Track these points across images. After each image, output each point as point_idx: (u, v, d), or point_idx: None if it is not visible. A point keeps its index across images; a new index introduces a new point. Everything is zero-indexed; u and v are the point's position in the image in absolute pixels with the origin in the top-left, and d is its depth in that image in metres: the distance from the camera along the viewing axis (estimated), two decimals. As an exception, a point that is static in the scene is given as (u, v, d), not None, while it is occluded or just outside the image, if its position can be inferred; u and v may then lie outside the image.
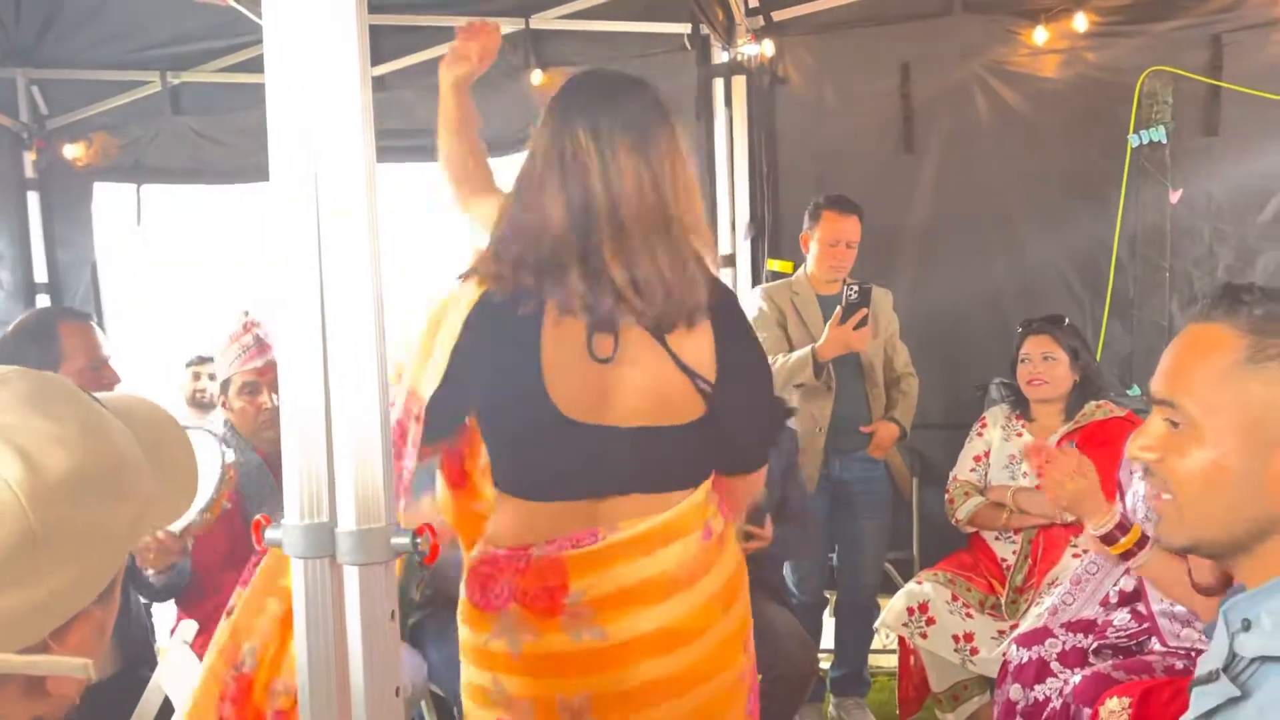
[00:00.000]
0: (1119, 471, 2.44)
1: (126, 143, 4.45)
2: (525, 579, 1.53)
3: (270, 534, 1.13)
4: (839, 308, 3.04)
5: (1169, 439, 1.06)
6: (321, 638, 1.08)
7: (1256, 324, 1.02)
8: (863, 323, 3.01)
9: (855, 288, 3.01)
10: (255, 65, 4.26)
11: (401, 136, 4.18)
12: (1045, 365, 3.09)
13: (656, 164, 1.53)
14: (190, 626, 1.85)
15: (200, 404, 4.24)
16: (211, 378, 4.25)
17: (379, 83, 4.12)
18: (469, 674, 1.61)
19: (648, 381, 1.52)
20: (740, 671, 1.64)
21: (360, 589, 1.06)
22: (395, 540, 1.07)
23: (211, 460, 2.25)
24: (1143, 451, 1.09)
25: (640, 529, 1.53)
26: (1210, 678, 1.03)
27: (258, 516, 1.15)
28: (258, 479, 2.60)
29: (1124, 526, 1.96)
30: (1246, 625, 1.02)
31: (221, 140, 4.45)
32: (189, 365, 4.25)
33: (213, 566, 2.34)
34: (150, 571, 2.24)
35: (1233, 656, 1.03)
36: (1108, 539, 1.94)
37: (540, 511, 1.55)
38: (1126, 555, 1.93)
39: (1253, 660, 1.00)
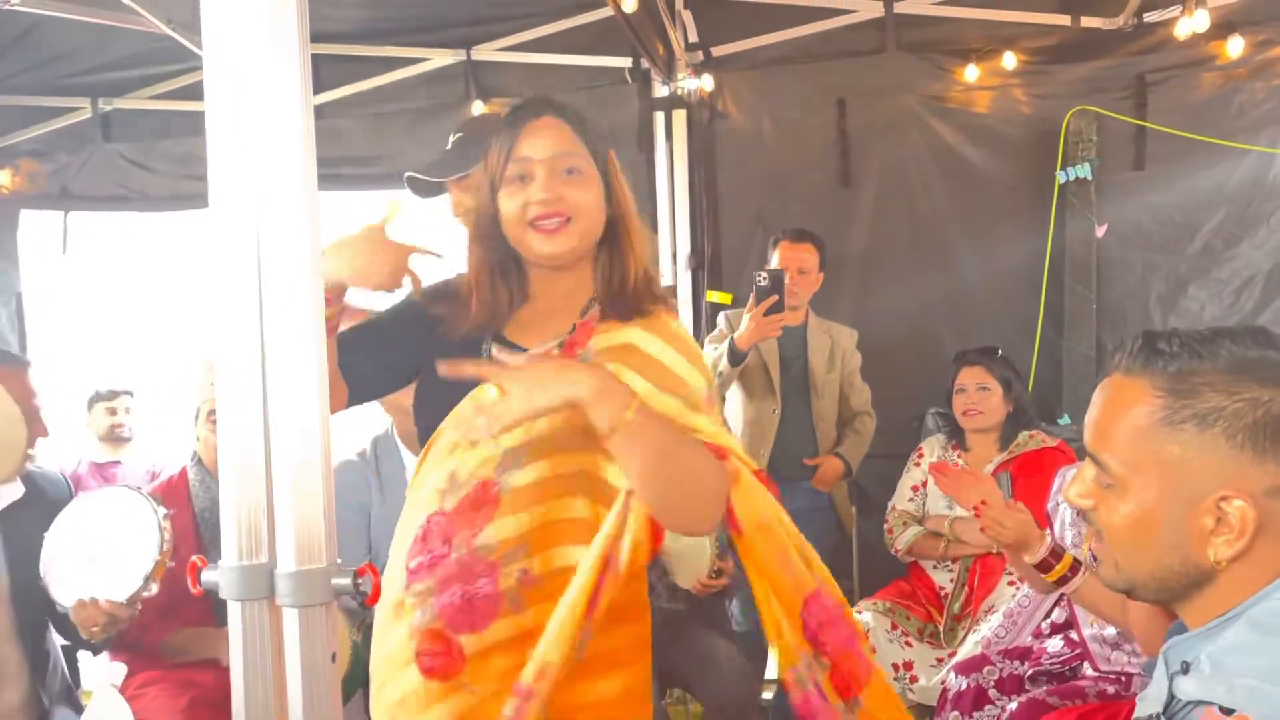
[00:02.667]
0: (1047, 502, 2.49)
1: (54, 169, 4.36)
2: None
3: (207, 576, 1.10)
4: (752, 294, 3.07)
5: (1099, 490, 1.08)
6: (260, 681, 1.06)
7: (1171, 382, 1.02)
8: (776, 308, 3.03)
9: (765, 275, 3.03)
10: (188, 93, 4.21)
11: (337, 165, 4.16)
12: (980, 396, 3.15)
13: None
14: (119, 670, 1.79)
15: (118, 438, 4.13)
16: (127, 411, 4.16)
17: (315, 112, 4.09)
18: None
19: None
20: None
21: (300, 631, 1.04)
22: (336, 581, 1.05)
23: (146, 522, 2.20)
24: (1079, 499, 1.10)
25: None
26: None
27: (194, 559, 1.13)
28: None
29: (1056, 553, 2.00)
30: (1185, 668, 1.03)
31: (152, 167, 4.38)
32: (99, 400, 4.13)
33: (149, 612, 2.27)
34: (93, 638, 2.18)
35: (1171, 698, 1.04)
36: (1042, 566, 1.98)
37: None
38: (1061, 581, 1.97)
39: (1190, 702, 1.02)
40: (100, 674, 1.79)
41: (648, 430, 1.30)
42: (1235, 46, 3.70)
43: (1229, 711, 0.96)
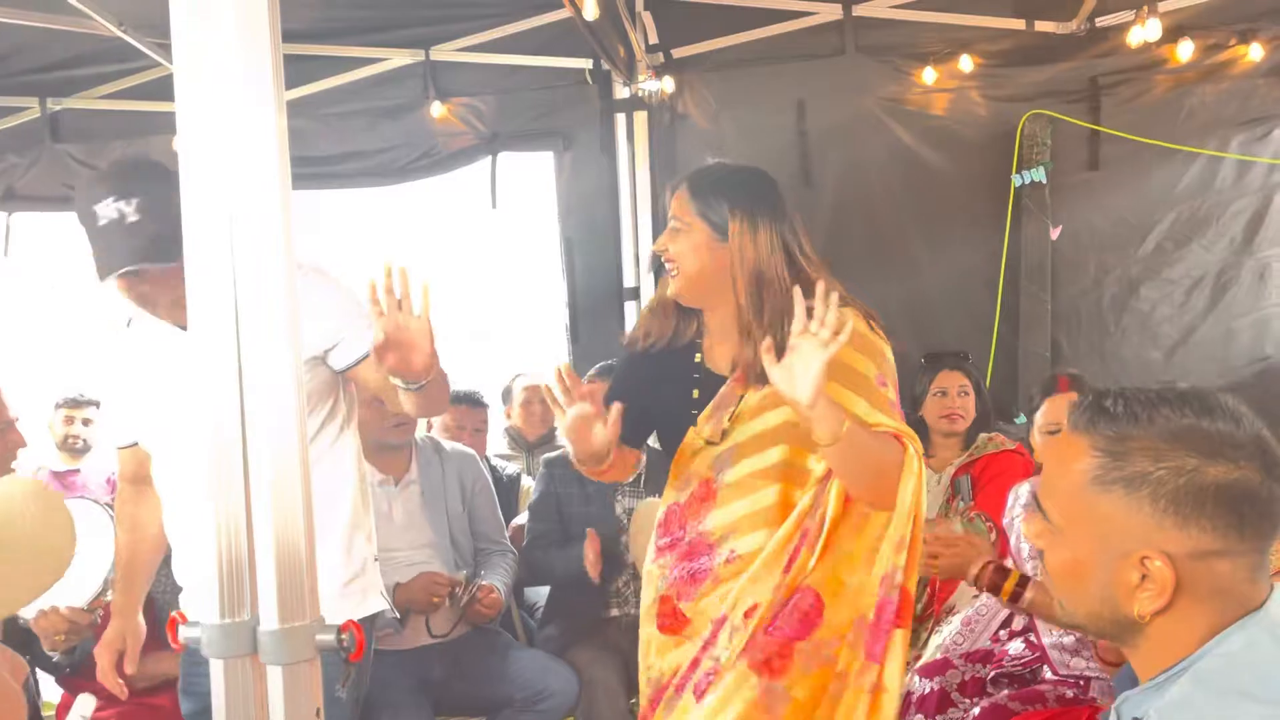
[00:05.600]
0: (1003, 518, 2.55)
1: (2, 169, 4.26)
2: None
3: (187, 632, 1.10)
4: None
5: (1046, 534, 1.14)
6: (244, 739, 1.06)
7: (1109, 444, 1.06)
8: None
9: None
10: (139, 92, 4.12)
11: (297, 165, 4.09)
12: (962, 400, 3.19)
13: None
14: (88, 702, 1.77)
15: (73, 449, 4.05)
16: (87, 422, 4.08)
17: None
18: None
19: None
20: None
21: (285, 688, 1.04)
22: (320, 637, 1.06)
23: (102, 528, 2.17)
24: (1034, 539, 1.16)
25: None
26: None
27: (173, 613, 1.12)
28: None
29: (1002, 572, 2.05)
30: None
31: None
32: (59, 406, 4.05)
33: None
34: (54, 652, 2.15)
35: None
36: (991, 588, 2.03)
37: None
38: (1014, 598, 2.02)
39: None
40: (72, 708, 1.77)
41: (854, 439, 1.70)
42: (1186, 50, 3.78)
43: None
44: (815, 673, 1.83)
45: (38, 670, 2.51)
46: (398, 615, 2.77)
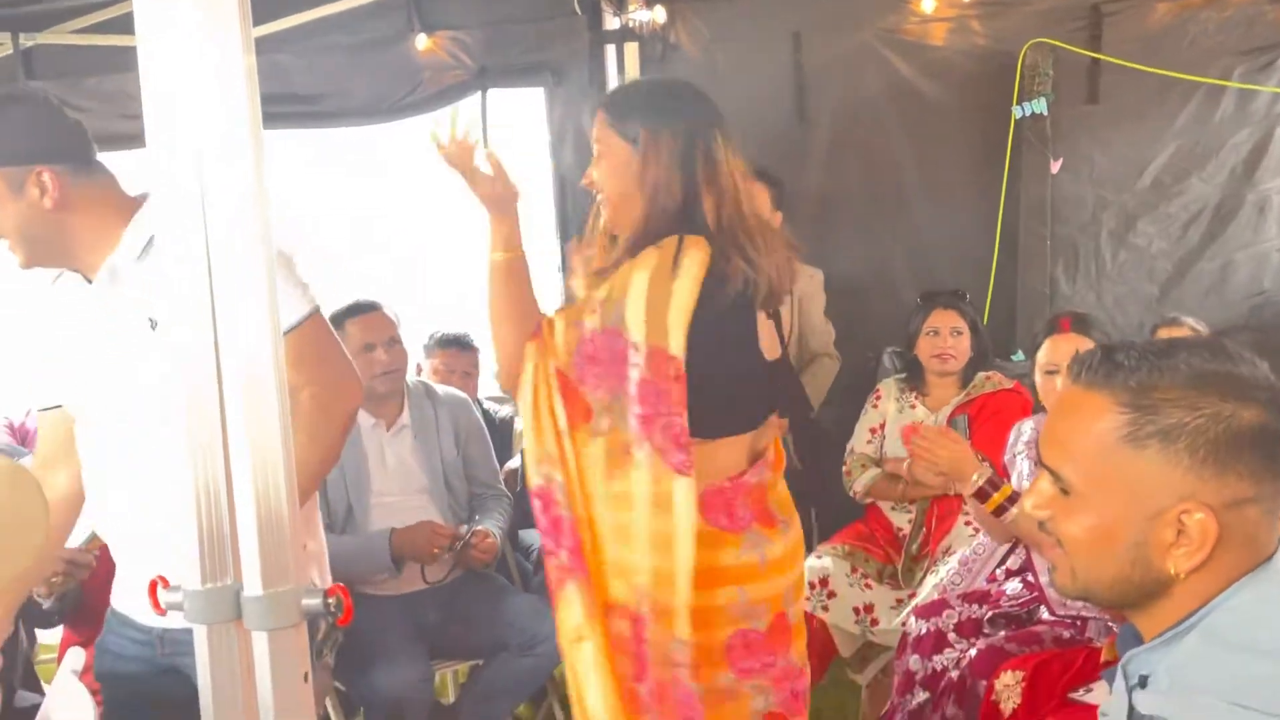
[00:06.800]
0: (1004, 455, 2.52)
1: (-25, 109, 4.14)
2: (753, 500, 1.82)
3: (168, 597, 1.06)
4: None
5: (1058, 501, 1.09)
6: (230, 705, 1.03)
7: (1134, 397, 1.02)
8: None
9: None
10: (114, 26, 3.98)
11: (276, 102, 4.00)
12: (954, 340, 3.15)
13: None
14: (78, 655, 1.75)
15: None
16: None
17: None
18: (710, 598, 1.78)
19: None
20: None
21: (271, 654, 1.01)
22: (306, 602, 1.02)
23: None
24: (1035, 510, 1.11)
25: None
26: None
27: (154, 578, 1.08)
28: None
29: (994, 484, 2.05)
30: (1143, 682, 1.05)
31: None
32: None
33: (104, 588, 2.22)
34: (45, 599, 2.12)
35: (1131, 710, 1.06)
36: (980, 495, 2.02)
37: (735, 445, 1.84)
38: (999, 511, 2.01)
39: (1149, 717, 1.03)
40: (61, 661, 1.74)
41: None
42: (1190, -25, 3.67)
43: None
44: None
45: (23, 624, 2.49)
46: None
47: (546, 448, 1.72)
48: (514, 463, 3.43)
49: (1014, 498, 2.15)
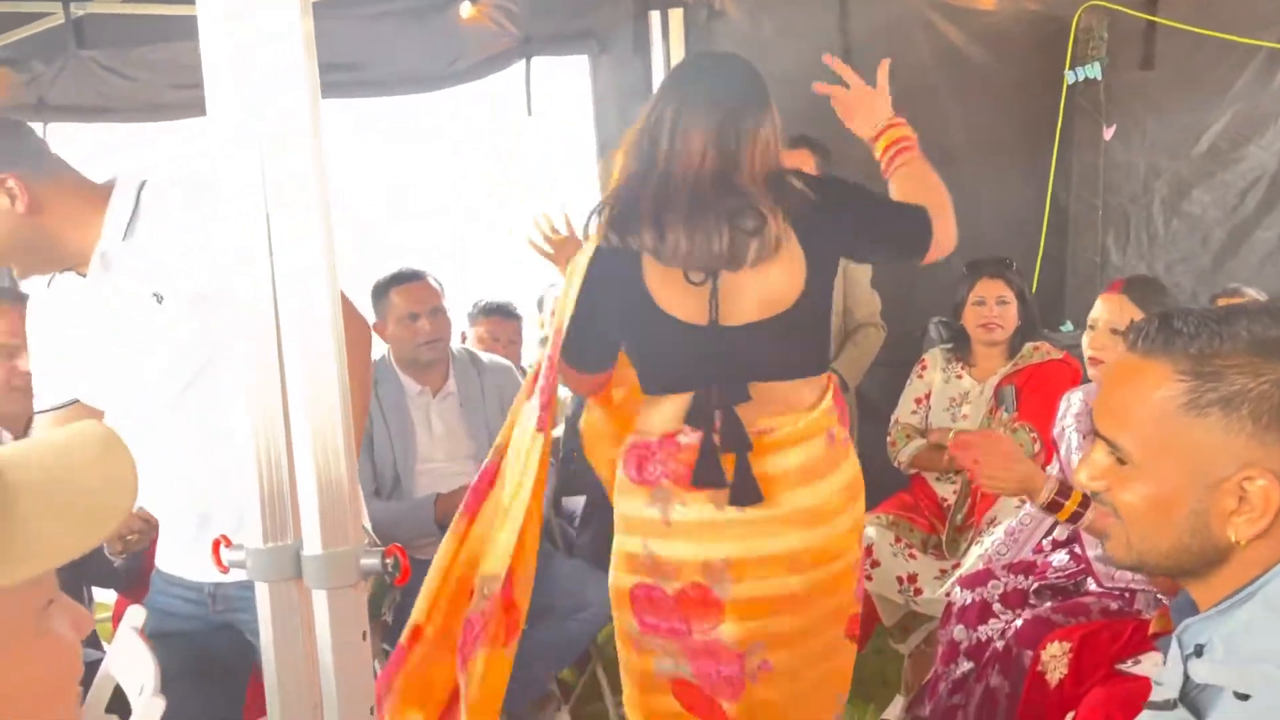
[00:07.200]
0: (1053, 428, 2.49)
1: (30, 79, 4.19)
2: (676, 462, 1.83)
3: (230, 555, 1.09)
4: None
5: (1114, 471, 1.07)
6: (292, 661, 1.05)
7: (1193, 364, 1.01)
8: None
9: None
10: (165, -4, 4.03)
11: (325, 72, 4.01)
12: (1000, 309, 3.12)
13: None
14: (139, 612, 1.79)
15: None
16: None
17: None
18: (620, 541, 1.93)
19: (748, 291, 1.84)
20: (857, 559, 2.00)
21: (330, 612, 1.03)
22: (365, 562, 1.04)
23: None
24: (1091, 481, 1.10)
25: (778, 434, 1.85)
26: (1167, 705, 1.05)
27: (217, 536, 1.11)
28: None
29: (1065, 492, 2.00)
30: (1199, 650, 1.04)
31: (129, 75, 4.21)
32: None
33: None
34: (118, 556, 2.17)
35: (1186, 679, 1.05)
36: (1051, 507, 1.98)
37: (678, 403, 1.87)
38: (1074, 518, 1.98)
39: (1206, 686, 1.03)
40: (122, 619, 1.79)
41: None
42: (1250, -66, 3.57)
43: (1244, 697, 0.96)
44: None
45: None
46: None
47: None
48: (556, 431, 3.45)
49: (1085, 502, 2.11)
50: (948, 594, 2.63)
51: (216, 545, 1.09)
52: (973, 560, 2.80)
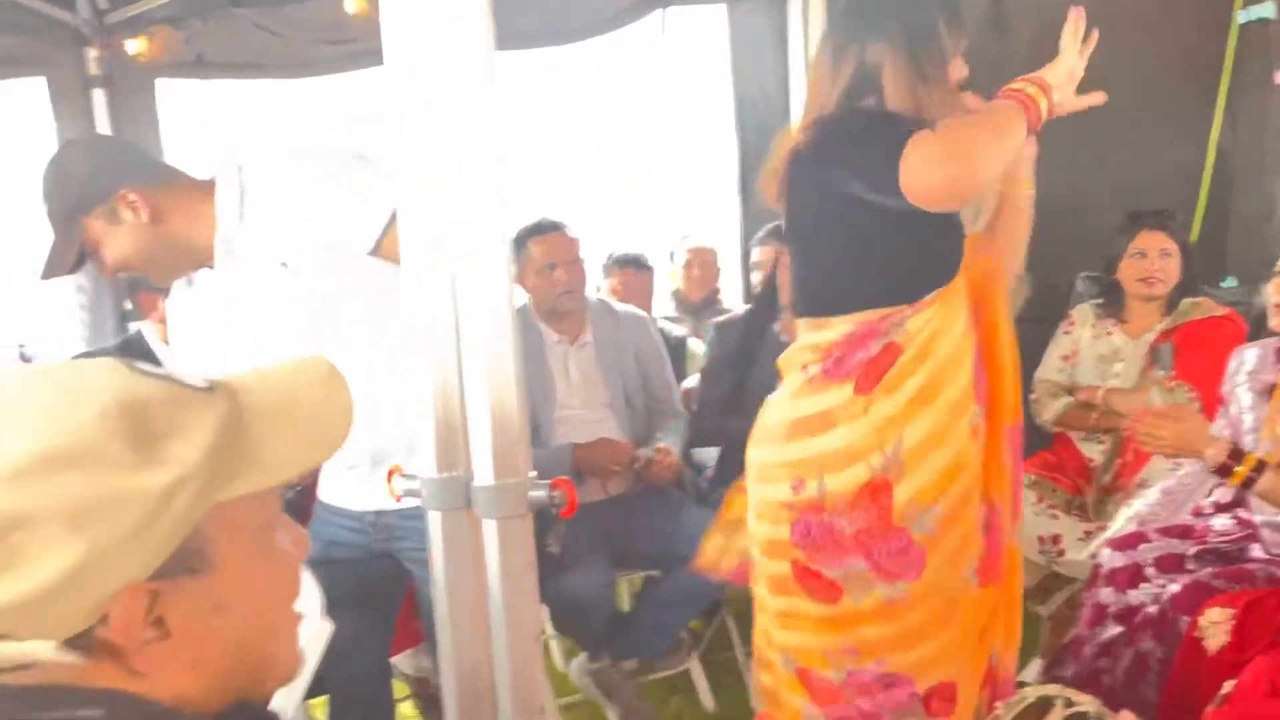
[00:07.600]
0: (1222, 385, 2.37)
1: (189, 36, 4.37)
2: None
3: (403, 484, 1.13)
4: None
5: None
6: (461, 588, 1.09)
7: None
8: None
9: None
10: (314, -50, 4.13)
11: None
12: (1164, 262, 2.98)
13: None
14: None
15: None
16: None
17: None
18: (764, 530, 1.97)
19: None
20: None
21: (499, 541, 1.06)
22: (532, 494, 1.07)
23: None
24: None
25: None
26: None
27: (392, 465, 1.15)
28: None
29: (1236, 455, 1.90)
30: None
31: (280, 33, 4.34)
32: None
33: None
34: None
35: None
36: (1222, 471, 1.88)
37: None
38: (1246, 484, 1.88)
39: None
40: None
41: None
42: None
43: None
44: None
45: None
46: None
47: None
48: (689, 382, 3.46)
49: (1260, 467, 2.01)
50: (1094, 556, 2.55)
51: (391, 474, 1.13)
52: (1121, 522, 2.70)
